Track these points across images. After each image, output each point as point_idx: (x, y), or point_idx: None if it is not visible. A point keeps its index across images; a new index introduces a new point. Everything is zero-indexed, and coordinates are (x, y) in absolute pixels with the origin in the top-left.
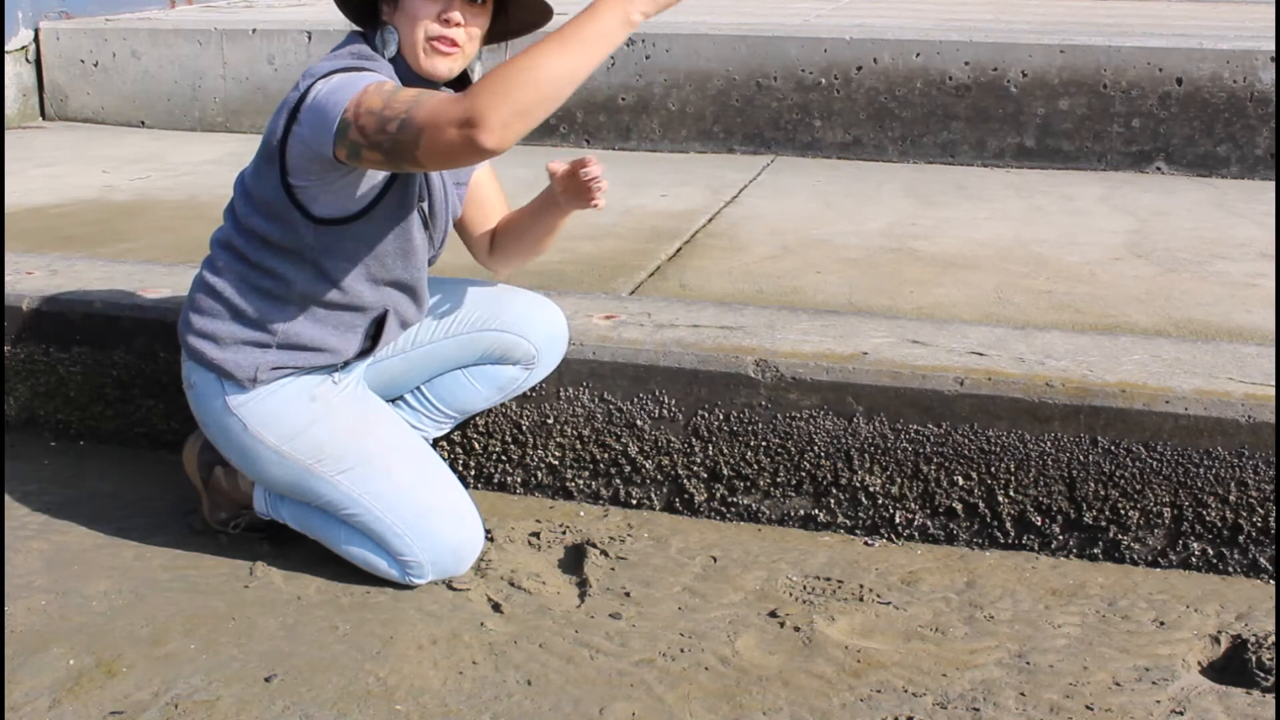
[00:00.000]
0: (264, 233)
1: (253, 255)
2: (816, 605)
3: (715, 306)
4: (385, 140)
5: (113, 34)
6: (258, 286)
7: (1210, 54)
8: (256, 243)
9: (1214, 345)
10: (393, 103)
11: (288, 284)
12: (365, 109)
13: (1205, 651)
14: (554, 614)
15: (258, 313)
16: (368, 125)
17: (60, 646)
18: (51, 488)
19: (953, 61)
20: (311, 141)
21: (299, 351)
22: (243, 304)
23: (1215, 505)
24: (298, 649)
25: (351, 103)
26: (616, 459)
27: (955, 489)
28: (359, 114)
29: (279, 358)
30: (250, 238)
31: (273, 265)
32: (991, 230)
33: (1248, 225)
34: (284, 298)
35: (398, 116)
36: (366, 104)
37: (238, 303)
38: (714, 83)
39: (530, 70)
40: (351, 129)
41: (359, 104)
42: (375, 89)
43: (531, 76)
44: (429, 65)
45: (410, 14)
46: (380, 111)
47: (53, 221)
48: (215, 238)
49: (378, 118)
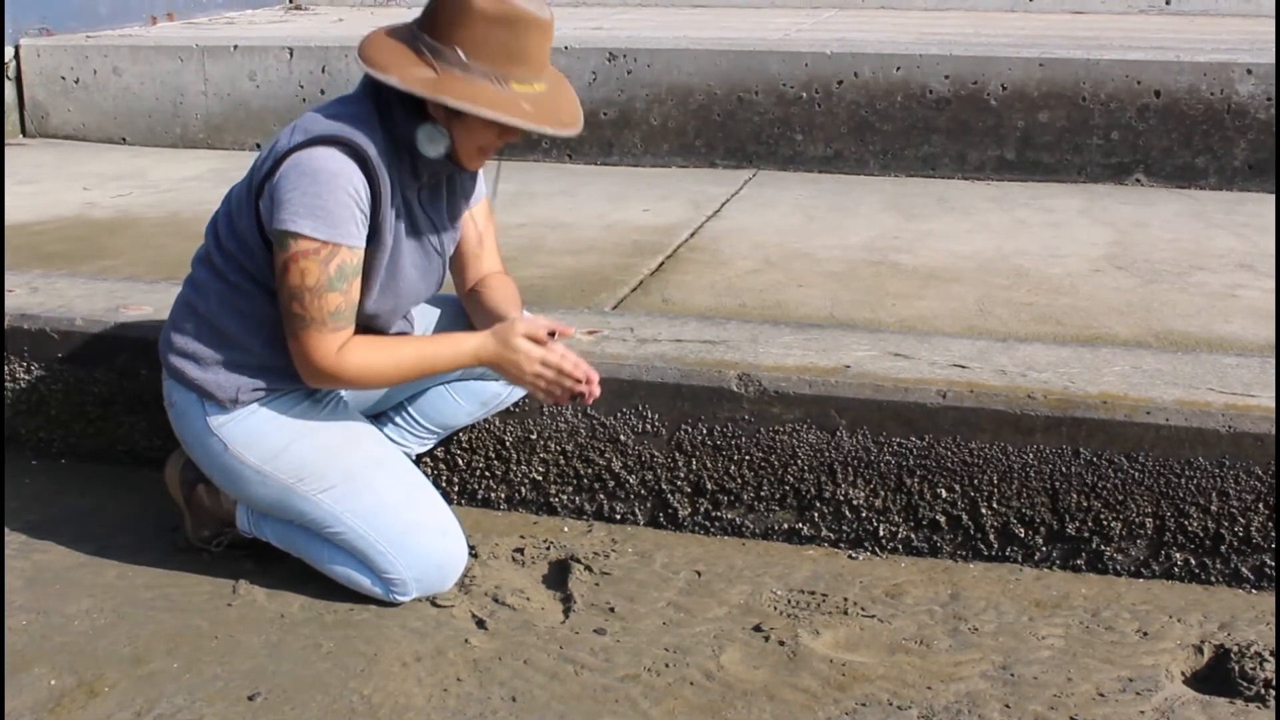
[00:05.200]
0: (241, 259)
1: (232, 276)
2: (801, 619)
3: (698, 321)
4: (285, 296)
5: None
6: (237, 307)
7: (1188, 66)
8: (234, 265)
9: (1194, 356)
10: (316, 292)
11: (266, 307)
12: (303, 266)
13: (1189, 661)
14: (538, 630)
15: (237, 334)
16: (291, 275)
17: (42, 666)
18: (33, 506)
19: (933, 75)
20: (266, 219)
21: (279, 372)
22: (223, 325)
23: (1197, 515)
24: (281, 667)
25: (304, 244)
26: (600, 474)
27: (938, 501)
28: (296, 257)
29: (259, 379)
30: (229, 259)
31: (251, 289)
32: (973, 243)
33: (1226, 236)
34: (263, 320)
35: (305, 308)
36: (308, 264)
37: (218, 323)
38: (695, 97)
39: (394, 368)
40: (285, 253)
41: (306, 253)
42: (325, 260)
43: (394, 372)
44: (469, 164)
45: (473, 132)
46: (303, 284)
47: (33, 239)
48: (197, 255)
49: (301, 284)
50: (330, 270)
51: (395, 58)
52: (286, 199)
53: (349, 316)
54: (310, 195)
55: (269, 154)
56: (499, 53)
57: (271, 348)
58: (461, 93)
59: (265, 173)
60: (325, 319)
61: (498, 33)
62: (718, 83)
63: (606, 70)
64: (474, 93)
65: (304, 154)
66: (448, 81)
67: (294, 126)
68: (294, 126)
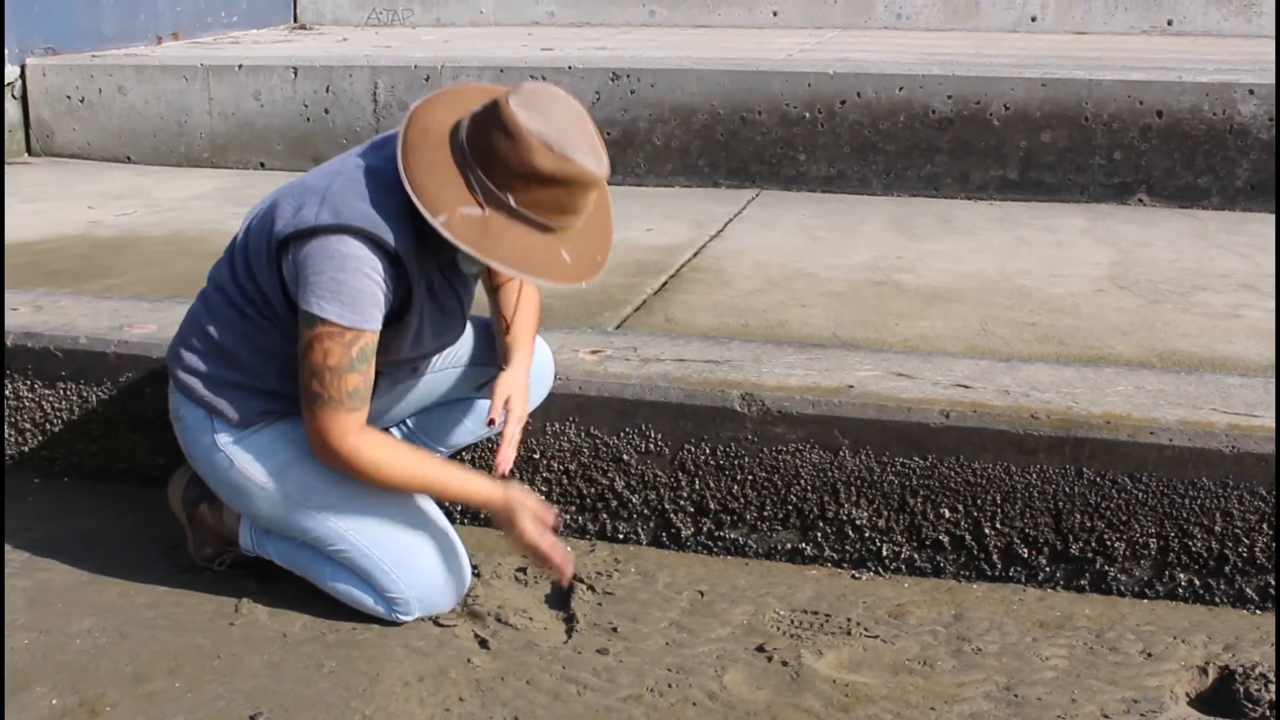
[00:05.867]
0: (259, 303)
1: (248, 310)
2: (804, 639)
3: (701, 340)
4: (305, 373)
5: (99, 70)
6: (252, 339)
7: (1190, 87)
8: (252, 305)
9: (1198, 376)
10: (337, 372)
11: (282, 343)
12: (326, 346)
13: (1193, 682)
14: (541, 650)
15: (251, 362)
16: (314, 353)
17: (43, 685)
18: (35, 524)
19: (935, 95)
20: (290, 286)
21: (290, 399)
22: (236, 351)
23: (1201, 536)
24: (283, 687)
25: (329, 327)
26: (603, 493)
27: (942, 521)
28: (321, 337)
29: (270, 403)
30: (247, 298)
31: (268, 326)
32: (976, 263)
33: (1229, 256)
34: (278, 353)
35: (325, 386)
36: (331, 345)
37: (231, 349)
38: (699, 117)
39: (403, 477)
40: (309, 332)
41: (331, 335)
42: (348, 344)
43: (402, 481)
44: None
45: None
46: (325, 363)
47: (38, 257)
48: (214, 278)
49: (323, 363)
50: (352, 353)
51: (442, 184)
52: (313, 281)
53: (365, 396)
54: (337, 281)
55: (295, 217)
56: (550, 206)
57: (285, 378)
58: (508, 250)
59: (289, 237)
60: (344, 398)
61: (555, 191)
62: (721, 103)
63: (610, 90)
64: (518, 247)
65: (333, 240)
66: (494, 226)
67: (323, 196)
68: (323, 196)
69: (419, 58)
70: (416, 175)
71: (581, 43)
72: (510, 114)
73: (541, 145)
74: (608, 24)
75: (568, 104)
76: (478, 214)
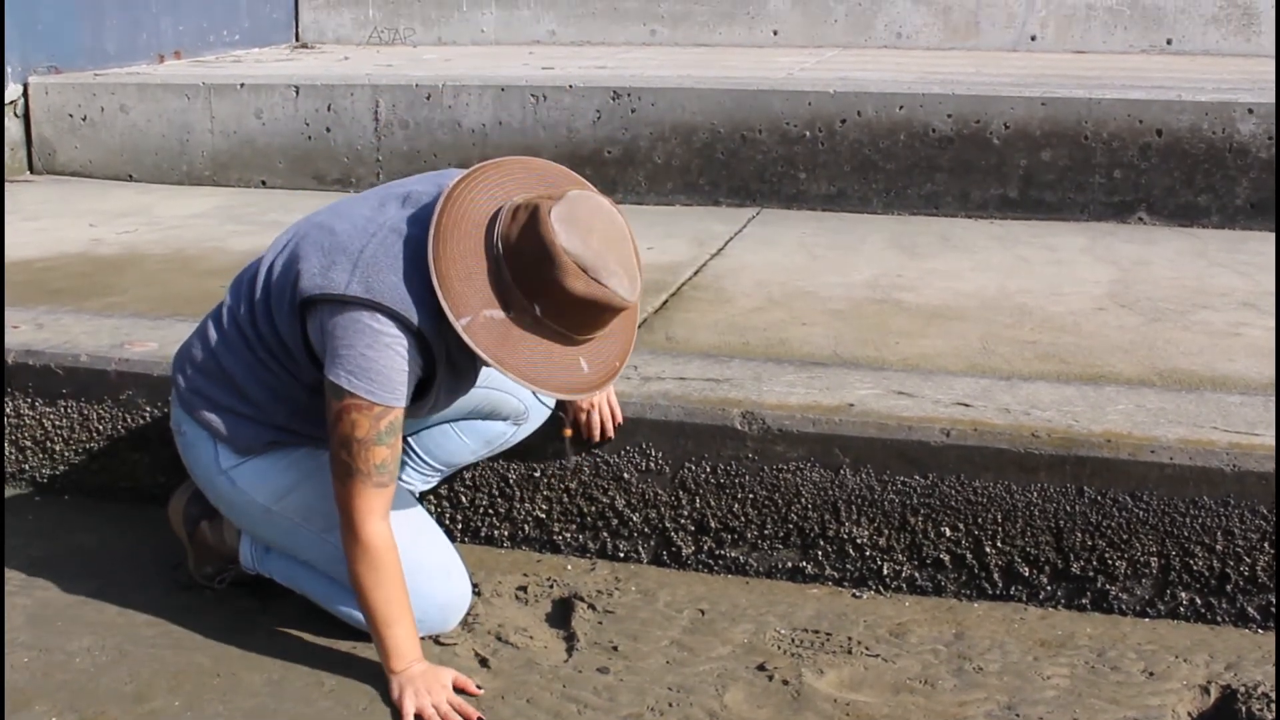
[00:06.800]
0: (276, 349)
1: (261, 353)
2: (805, 658)
3: (701, 359)
4: (335, 441)
5: (101, 89)
6: (263, 380)
7: (1189, 106)
8: (268, 350)
9: (1198, 395)
10: (365, 445)
11: (294, 388)
12: (354, 418)
13: (1195, 702)
14: (541, 668)
15: (260, 400)
16: (343, 424)
17: (43, 704)
18: (35, 542)
19: (935, 114)
20: (317, 350)
21: (295, 434)
22: (245, 387)
23: (1202, 555)
24: (283, 705)
25: (358, 400)
26: (604, 512)
27: (942, 540)
28: (349, 409)
29: (275, 436)
30: (263, 342)
31: (282, 372)
32: (976, 281)
33: (1229, 275)
34: (288, 395)
35: (353, 457)
36: (359, 417)
37: (240, 384)
38: (699, 136)
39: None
40: (339, 402)
41: (359, 408)
42: (376, 418)
43: (371, 590)
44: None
45: None
46: (353, 434)
47: (39, 275)
48: (231, 308)
49: (351, 434)
50: (380, 426)
51: (469, 283)
52: (343, 355)
53: (393, 471)
54: (367, 359)
55: (323, 278)
56: (575, 321)
57: (295, 417)
58: (525, 359)
59: (318, 298)
60: (371, 471)
61: (582, 309)
62: (721, 121)
63: (610, 109)
64: (536, 354)
65: (365, 315)
66: (515, 332)
67: (355, 262)
68: (355, 262)
69: (420, 76)
70: (444, 268)
71: (582, 61)
72: (549, 231)
73: (576, 269)
74: (608, 43)
75: (610, 221)
76: (501, 317)
